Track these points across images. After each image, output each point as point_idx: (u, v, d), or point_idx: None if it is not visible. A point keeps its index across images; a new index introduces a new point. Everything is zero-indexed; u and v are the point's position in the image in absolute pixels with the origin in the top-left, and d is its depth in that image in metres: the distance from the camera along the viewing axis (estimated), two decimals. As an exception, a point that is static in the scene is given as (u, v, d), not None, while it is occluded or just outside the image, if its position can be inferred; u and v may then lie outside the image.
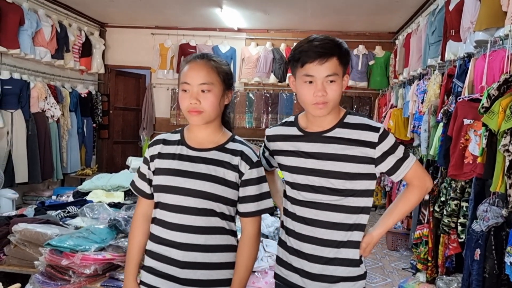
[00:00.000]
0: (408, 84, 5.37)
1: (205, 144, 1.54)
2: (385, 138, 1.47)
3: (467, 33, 3.58)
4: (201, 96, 1.47)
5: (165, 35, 7.53)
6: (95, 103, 7.27)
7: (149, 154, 1.60)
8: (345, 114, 1.53)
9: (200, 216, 1.48)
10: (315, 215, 1.50)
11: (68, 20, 6.51)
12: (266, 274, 2.24)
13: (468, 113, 3.05)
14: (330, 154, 1.47)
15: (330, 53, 1.40)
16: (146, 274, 1.57)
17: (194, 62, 1.51)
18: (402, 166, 1.49)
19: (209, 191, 1.47)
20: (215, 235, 1.50)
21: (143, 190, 1.62)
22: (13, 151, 5.22)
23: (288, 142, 1.57)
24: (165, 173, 1.52)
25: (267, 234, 2.78)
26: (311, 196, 1.50)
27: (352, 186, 1.47)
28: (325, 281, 1.50)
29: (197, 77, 1.47)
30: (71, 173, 6.54)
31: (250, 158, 1.52)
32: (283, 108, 7.33)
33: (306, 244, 1.52)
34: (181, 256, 1.49)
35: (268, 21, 6.96)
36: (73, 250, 2.24)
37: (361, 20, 6.61)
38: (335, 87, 1.42)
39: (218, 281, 1.52)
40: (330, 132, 1.49)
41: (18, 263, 2.45)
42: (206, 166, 1.50)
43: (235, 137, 1.59)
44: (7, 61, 5.39)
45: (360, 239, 1.52)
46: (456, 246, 3.26)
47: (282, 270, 1.62)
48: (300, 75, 1.45)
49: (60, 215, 2.95)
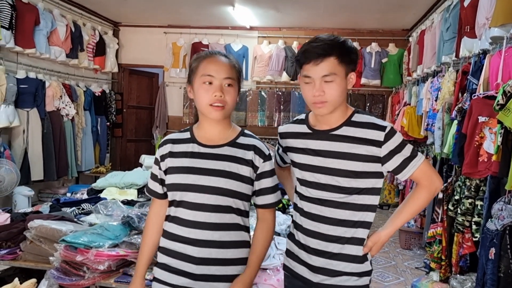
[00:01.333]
0: (422, 82, 5.31)
1: (216, 141, 1.55)
2: (392, 137, 1.47)
3: (482, 30, 3.53)
4: (225, 90, 1.49)
5: (177, 34, 7.57)
6: (109, 101, 7.36)
7: (159, 154, 1.61)
8: (353, 112, 1.54)
9: (215, 212, 1.50)
10: (321, 212, 1.53)
11: (82, 19, 6.59)
12: (278, 272, 2.24)
13: (483, 110, 3.00)
14: (336, 152, 1.49)
15: (325, 53, 1.42)
16: (160, 271, 1.58)
17: (215, 57, 1.53)
18: (409, 165, 1.49)
19: (225, 187, 1.49)
20: (230, 231, 1.52)
21: (155, 190, 1.64)
22: (29, 149, 5.31)
23: (298, 140, 1.60)
24: (179, 171, 1.53)
25: (279, 232, 2.78)
26: (317, 193, 1.53)
27: (357, 184, 1.49)
28: (328, 274, 1.53)
29: (221, 70, 1.49)
30: (86, 171, 6.63)
31: (263, 152, 1.56)
32: (295, 106, 7.31)
33: (311, 239, 1.55)
34: (196, 253, 1.50)
35: (280, 19, 6.95)
36: (88, 247, 2.27)
37: (374, 17, 6.56)
38: (334, 86, 1.43)
39: (232, 276, 1.53)
40: (337, 131, 1.51)
41: (33, 259, 2.49)
42: (220, 162, 1.51)
43: (245, 131, 1.61)
44: (23, 61, 5.48)
45: (365, 236, 1.54)
46: (471, 245, 3.22)
47: (290, 262, 1.66)
48: (301, 76, 1.49)
49: (74, 212, 2.99)
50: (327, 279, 1.53)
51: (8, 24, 4.86)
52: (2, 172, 4.53)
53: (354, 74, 1.49)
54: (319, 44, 1.43)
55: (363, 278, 1.53)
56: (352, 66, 1.48)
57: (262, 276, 2.24)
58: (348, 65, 1.46)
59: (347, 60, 1.45)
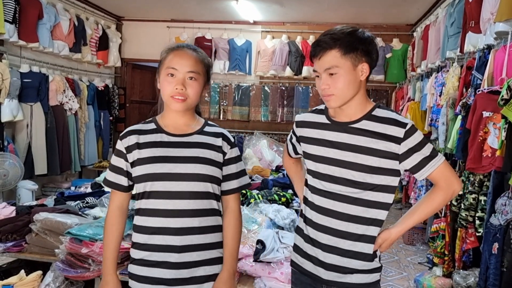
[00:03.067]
0: (426, 77, 5.29)
1: (185, 130, 1.57)
2: (412, 135, 1.44)
3: (487, 24, 3.51)
4: (187, 83, 1.50)
5: (181, 28, 7.56)
6: (112, 96, 7.35)
7: (125, 146, 1.56)
8: (374, 107, 1.51)
9: (194, 199, 1.52)
10: (333, 206, 1.50)
11: (85, 14, 6.58)
12: (281, 265, 2.25)
13: (487, 105, 2.99)
14: (354, 146, 1.47)
15: (327, 47, 1.41)
16: (136, 267, 1.56)
17: (182, 50, 1.54)
18: (427, 165, 1.45)
19: (202, 172, 1.51)
20: (208, 217, 1.55)
21: (120, 183, 1.58)
22: (33, 143, 5.32)
23: (315, 130, 1.57)
24: (150, 161, 1.51)
25: (283, 226, 2.79)
26: (331, 186, 1.50)
27: (372, 180, 1.46)
28: (338, 271, 1.51)
29: (185, 64, 1.51)
30: (89, 166, 6.64)
31: (230, 139, 1.63)
32: (298, 101, 7.29)
33: (322, 234, 1.52)
34: (178, 241, 1.51)
35: (284, 14, 6.92)
36: (93, 239, 2.29)
37: (378, 12, 6.53)
38: (339, 78, 1.42)
39: (210, 260, 1.57)
40: (356, 124, 1.48)
41: (39, 251, 2.51)
42: (193, 150, 1.53)
43: (209, 122, 1.64)
44: (26, 55, 5.49)
45: (376, 234, 1.51)
46: (474, 240, 3.22)
47: (298, 258, 1.63)
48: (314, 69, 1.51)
49: (79, 206, 3.01)
50: (338, 276, 1.51)
51: (11, 18, 4.86)
52: (6, 166, 4.55)
53: (366, 64, 1.44)
54: (323, 37, 1.43)
55: (373, 275, 1.52)
56: (364, 57, 1.43)
57: (266, 269, 2.25)
58: (356, 57, 1.42)
59: (352, 51, 1.41)
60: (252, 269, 2.27)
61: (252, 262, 2.26)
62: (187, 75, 1.50)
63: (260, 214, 2.84)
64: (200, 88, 1.55)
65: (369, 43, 1.45)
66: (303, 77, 7.28)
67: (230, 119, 7.45)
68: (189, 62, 1.51)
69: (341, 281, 1.51)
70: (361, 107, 1.49)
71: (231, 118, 7.45)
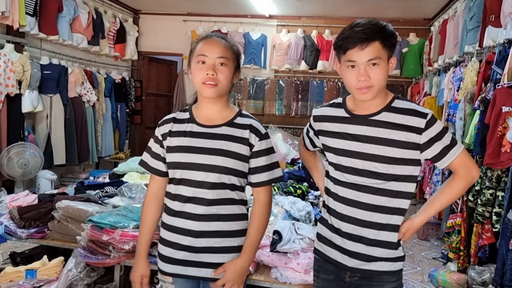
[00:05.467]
0: (443, 72, 5.24)
1: (215, 121, 1.60)
2: (432, 125, 1.46)
3: (508, 18, 3.47)
4: (217, 69, 1.53)
5: (197, 22, 7.59)
6: (129, 88, 7.44)
7: (161, 133, 1.64)
8: (393, 98, 1.53)
9: (212, 189, 1.55)
10: (357, 197, 1.53)
11: (103, 7, 6.65)
12: (298, 256, 2.27)
13: (507, 100, 2.97)
14: (375, 138, 1.48)
15: (371, 38, 1.41)
16: (162, 247, 1.65)
17: (210, 38, 1.58)
18: (448, 154, 1.48)
19: (222, 165, 1.54)
20: (226, 206, 1.58)
21: (159, 168, 1.65)
22: (52, 134, 5.44)
23: (334, 123, 1.59)
24: (178, 150, 1.58)
25: (298, 218, 2.81)
26: (354, 178, 1.53)
27: (394, 171, 1.48)
28: (363, 259, 1.54)
29: (215, 50, 1.54)
30: (105, 157, 6.75)
31: (259, 130, 1.60)
32: (313, 96, 7.28)
33: (346, 224, 1.55)
34: (196, 226, 1.57)
35: (299, 8, 6.90)
36: (113, 227, 2.35)
37: (395, 6, 6.46)
38: (379, 70, 1.43)
39: (230, 248, 1.60)
40: (376, 116, 1.50)
41: (61, 238, 2.58)
42: (218, 142, 1.56)
43: (242, 112, 1.65)
44: (46, 47, 5.58)
45: (399, 223, 1.54)
46: (490, 236, 3.21)
47: (322, 246, 1.66)
48: (344, 61, 1.47)
49: (98, 195, 3.08)
50: (362, 264, 1.54)
51: (32, 11, 4.95)
52: (26, 156, 4.65)
53: (394, 59, 1.48)
54: (362, 28, 1.42)
55: (397, 263, 1.55)
56: (393, 50, 1.47)
57: (282, 259, 2.28)
58: (390, 50, 1.45)
59: (389, 44, 1.44)
60: (269, 259, 2.30)
61: (269, 252, 2.29)
62: (217, 60, 1.53)
63: (276, 205, 2.86)
64: (231, 74, 1.57)
65: (396, 38, 1.50)
66: (318, 71, 7.26)
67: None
68: (218, 48, 1.54)
69: (365, 268, 1.54)
70: (382, 99, 1.51)
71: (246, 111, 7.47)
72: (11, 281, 2.36)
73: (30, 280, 2.34)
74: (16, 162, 4.56)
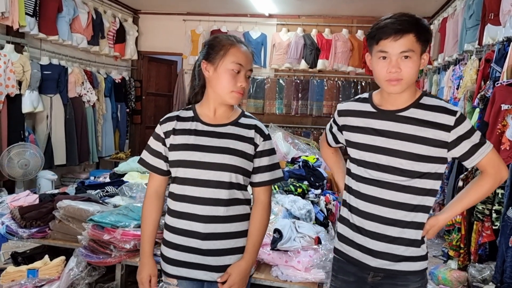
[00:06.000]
0: (443, 70, 5.25)
1: (220, 120, 1.60)
2: (462, 122, 1.44)
3: (507, 17, 3.48)
4: (246, 80, 1.58)
5: (196, 22, 7.60)
6: (129, 88, 7.45)
7: (163, 131, 1.61)
8: (422, 95, 1.50)
9: (220, 188, 1.54)
10: (380, 194, 1.50)
11: (103, 7, 6.65)
12: (298, 254, 2.28)
13: (506, 98, 2.98)
14: (402, 134, 1.46)
15: (406, 29, 1.39)
16: (166, 249, 1.62)
17: (244, 47, 1.59)
18: (477, 152, 1.46)
19: (230, 163, 1.54)
20: (233, 206, 1.57)
21: (159, 167, 1.63)
22: (52, 134, 5.45)
23: (359, 118, 1.56)
24: (183, 148, 1.56)
25: (299, 216, 2.82)
26: (378, 174, 1.50)
27: (420, 168, 1.46)
28: (387, 259, 1.51)
29: (249, 62, 1.58)
30: (106, 157, 6.75)
31: (264, 131, 1.63)
32: (313, 95, 7.29)
33: (369, 222, 1.53)
34: (202, 228, 1.54)
35: (299, 7, 6.91)
36: (114, 226, 2.35)
37: (395, 5, 6.45)
38: (410, 64, 1.40)
39: (236, 249, 1.59)
40: (404, 112, 1.48)
41: (62, 238, 2.59)
42: (224, 140, 1.56)
43: (245, 113, 1.67)
44: (46, 47, 5.59)
45: (424, 220, 1.51)
46: (490, 233, 3.22)
47: (343, 246, 1.63)
48: (375, 52, 1.45)
49: (99, 194, 3.09)
50: (386, 264, 1.51)
51: (32, 11, 4.95)
52: (27, 156, 4.66)
53: (427, 54, 1.45)
54: (397, 20, 1.40)
55: (421, 262, 1.53)
56: (426, 46, 1.44)
57: (283, 258, 2.29)
58: (424, 44, 1.42)
59: (423, 38, 1.41)
60: (269, 258, 2.31)
61: (270, 250, 2.30)
62: (248, 73, 1.57)
63: (277, 204, 2.87)
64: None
65: (431, 34, 1.47)
66: (318, 70, 7.27)
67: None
68: (251, 60, 1.59)
69: (389, 269, 1.51)
70: (411, 95, 1.49)
71: (246, 110, 7.46)
72: (12, 281, 2.37)
73: (32, 280, 2.35)
74: (17, 162, 4.57)
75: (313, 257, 2.27)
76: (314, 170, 3.80)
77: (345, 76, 7.32)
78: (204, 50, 1.62)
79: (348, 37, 7.09)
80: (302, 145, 5.52)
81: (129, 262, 2.40)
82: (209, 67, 1.57)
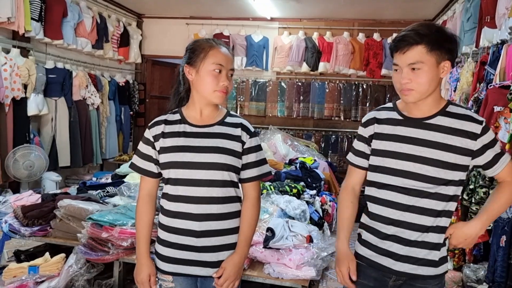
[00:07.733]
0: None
1: (207, 121, 1.66)
2: (487, 131, 1.48)
3: (502, 19, 3.51)
4: (229, 78, 1.63)
5: (199, 25, 7.68)
6: (132, 91, 7.53)
7: (153, 135, 1.66)
8: (448, 103, 1.53)
9: (213, 187, 1.60)
10: (406, 201, 1.52)
11: (107, 11, 6.77)
12: (290, 252, 2.34)
13: (498, 100, 3.01)
14: (429, 141, 1.49)
15: (413, 42, 1.42)
16: (161, 247, 1.68)
17: (223, 48, 1.64)
18: (499, 162, 1.50)
19: (220, 161, 1.60)
20: (227, 204, 1.64)
21: (150, 170, 1.68)
22: (57, 136, 5.54)
23: (386, 125, 1.58)
24: (173, 150, 1.62)
25: (293, 216, 2.88)
26: (402, 181, 1.52)
27: (445, 175, 1.48)
28: (410, 262, 1.54)
29: (229, 61, 1.63)
30: (109, 159, 6.84)
31: (249, 129, 1.69)
32: (315, 97, 7.34)
33: (394, 228, 1.55)
34: (197, 226, 1.61)
35: (301, 10, 6.97)
36: (112, 225, 2.43)
37: (396, 8, 6.51)
38: (421, 74, 1.43)
39: (230, 245, 1.66)
40: (431, 119, 1.50)
41: (62, 236, 2.67)
42: (213, 140, 1.62)
43: (231, 112, 1.73)
44: (51, 51, 5.70)
45: (447, 224, 1.54)
46: (484, 234, 3.23)
47: (365, 250, 1.64)
48: (393, 64, 1.52)
49: (100, 194, 3.17)
50: (409, 268, 1.54)
51: (37, 16, 5.06)
52: (32, 158, 4.76)
53: (448, 63, 1.46)
54: (408, 33, 1.44)
55: (442, 266, 1.56)
56: (447, 55, 1.45)
57: (275, 255, 2.35)
58: (441, 54, 1.44)
59: (438, 48, 1.43)
60: (262, 255, 2.37)
61: (262, 248, 2.36)
62: (229, 72, 1.63)
63: (272, 204, 2.94)
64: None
65: (454, 41, 1.48)
66: (320, 73, 7.32)
67: (246, 114, 7.53)
68: (231, 59, 1.64)
69: (412, 273, 1.54)
70: (436, 103, 1.51)
71: (248, 113, 7.55)
72: (14, 277, 2.45)
73: (33, 276, 2.43)
74: (22, 164, 4.67)
75: (304, 255, 2.33)
76: (311, 171, 3.86)
77: (346, 78, 7.37)
78: (186, 55, 1.67)
79: (349, 40, 7.14)
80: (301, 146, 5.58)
81: (126, 260, 2.48)
82: (192, 71, 1.63)
